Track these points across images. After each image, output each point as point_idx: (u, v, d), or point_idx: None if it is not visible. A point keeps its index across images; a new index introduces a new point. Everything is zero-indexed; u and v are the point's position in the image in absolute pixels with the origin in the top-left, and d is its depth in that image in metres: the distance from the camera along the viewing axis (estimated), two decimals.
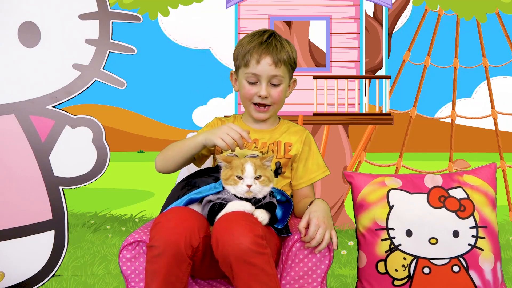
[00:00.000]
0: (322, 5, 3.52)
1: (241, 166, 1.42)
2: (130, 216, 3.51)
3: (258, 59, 1.61)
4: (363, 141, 3.54)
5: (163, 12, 3.41)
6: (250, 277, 1.28)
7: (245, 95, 1.67)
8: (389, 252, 1.71)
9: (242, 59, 1.65)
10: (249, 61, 1.63)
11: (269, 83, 1.64)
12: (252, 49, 1.62)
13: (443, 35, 3.55)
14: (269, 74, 1.62)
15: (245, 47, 1.64)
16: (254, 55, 1.62)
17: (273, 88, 1.65)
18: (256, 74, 1.63)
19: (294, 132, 1.72)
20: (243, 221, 1.32)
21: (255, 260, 1.28)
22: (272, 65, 1.62)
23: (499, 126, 3.49)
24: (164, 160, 1.61)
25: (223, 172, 1.45)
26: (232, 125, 1.50)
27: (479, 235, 1.71)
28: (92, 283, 2.61)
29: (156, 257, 1.31)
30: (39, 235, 2.37)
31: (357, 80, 3.52)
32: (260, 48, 1.62)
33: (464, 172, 1.83)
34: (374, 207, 1.74)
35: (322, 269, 1.47)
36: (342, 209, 3.49)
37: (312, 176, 1.69)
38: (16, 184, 2.36)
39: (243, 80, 1.67)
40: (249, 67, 1.63)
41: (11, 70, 2.38)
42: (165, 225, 1.33)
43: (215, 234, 1.31)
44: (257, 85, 1.64)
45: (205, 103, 3.46)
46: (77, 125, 2.39)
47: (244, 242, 1.27)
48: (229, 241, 1.28)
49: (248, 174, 1.41)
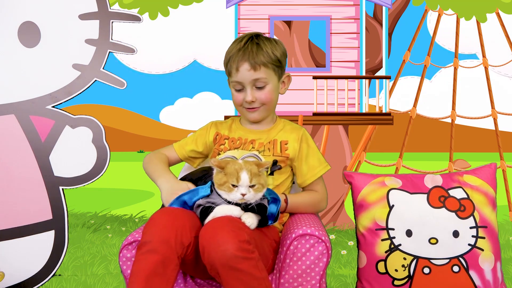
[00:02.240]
0: (322, 5, 3.52)
1: (236, 174, 1.40)
2: (130, 216, 3.51)
3: (237, 67, 1.65)
4: (363, 141, 3.54)
5: (163, 12, 3.41)
6: (238, 283, 1.29)
7: (235, 102, 1.72)
8: (389, 252, 1.71)
9: (226, 69, 1.71)
10: (231, 70, 1.67)
11: (254, 87, 1.66)
12: (231, 58, 1.66)
13: (443, 34, 3.55)
14: (250, 79, 1.65)
15: (227, 57, 1.69)
16: (233, 64, 1.66)
17: (258, 91, 1.67)
18: (239, 81, 1.66)
19: (290, 130, 1.73)
20: (228, 227, 1.32)
21: (241, 266, 1.29)
22: (250, 70, 1.64)
23: (499, 126, 3.49)
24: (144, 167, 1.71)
25: (217, 176, 1.43)
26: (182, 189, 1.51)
27: (479, 235, 1.71)
28: (92, 283, 2.61)
29: (144, 253, 1.30)
30: (39, 235, 2.37)
31: (357, 80, 3.52)
32: (238, 55, 1.65)
33: (464, 172, 1.83)
34: (374, 207, 1.74)
35: (320, 266, 1.48)
36: (342, 209, 3.49)
37: (315, 172, 1.70)
38: (16, 184, 2.35)
39: (231, 88, 1.72)
40: (232, 76, 1.68)
41: (11, 70, 2.38)
42: (157, 222, 1.35)
43: (202, 242, 1.32)
44: (243, 91, 1.68)
45: (172, 103, 3.50)
46: (77, 125, 2.39)
47: (229, 249, 1.27)
48: (214, 249, 1.28)
49: (243, 183, 1.39)
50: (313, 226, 1.50)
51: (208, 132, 1.76)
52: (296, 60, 3.61)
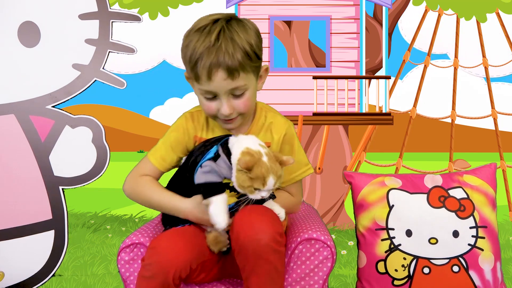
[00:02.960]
0: (322, 5, 3.52)
1: (263, 179, 1.29)
2: (130, 216, 3.51)
3: (209, 74, 1.32)
4: (363, 141, 3.54)
5: (163, 12, 3.41)
6: (262, 271, 1.30)
7: (206, 111, 1.42)
8: (389, 252, 1.71)
9: (191, 71, 1.36)
10: (200, 76, 1.33)
11: (230, 95, 1.37)
12: (200, 59, 1.32)
13: (444, 35, 3.55)
14: (226, 89, 1.35)
15: (192, 55, 1.34)
16: (203, 70, 1.32)
17: (235, 99, 1.37)
18: (211, 91, 1.35)
19: (272, 130, 1.49)
20: (266, 216, 1.32)
21: (271, 257, 1.29)
22: (227, 79, 1.33)
23: (499, 126, 3.49)
24: (137, 198, 1.55)
25: (241, 177, 1.29)
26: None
27: (479, 235, 1.71)
28: (92, 283, 2.61)
29: (146, 278, 1.32)
30: (39, 235, 2.37)
31: (357, 80, 3.51)
32: (209, 56, 1.31)
33: (464, 172, 1.83)
34: (374, 207, 1.74)
35: (324, 271, 1.47)
36: (342, 209, 3.49)
37: (293, 176, 1.51)
38: (16, 184, 2.35)
39: (199, 95, 1.40)
40: (201, 83, 1.35)
41: (11, 70, 2.38)
42: (160, 252, 1.32)
43: (236, 226, 1.31)
44: (216, 99, 1.37)
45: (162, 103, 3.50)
46: (77, 125, 2.39)
47: (264, 239, 1.27)
48: (250, 236, 1.27)
49: (268, 188, 1.31)
50: (319, 230, 1.49)
51: (186, 136, 1.48)
52: (296, 60, 3.60)
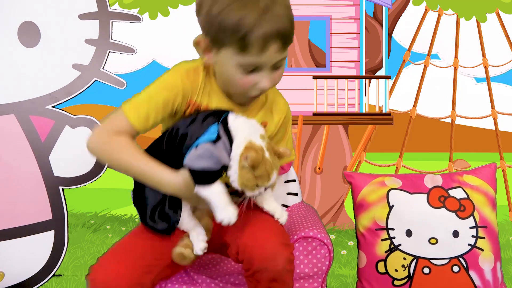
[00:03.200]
0: (322, 5, 3.52)
1: (267, 177, 1.18)
2: (130, 216, 3.51)
3: (263, 46, 1.13)
4: (363, 141, 3.54)
5: (163, 12, 3.41)
6: None
7: (238, 86, 1.22)
8: (389, 252, 1.71)
9: (235, 40, 1.14)
10: (248, 47, 1.13)
11: (272, 67, 1.21)
12: (253, 30, 1.11)
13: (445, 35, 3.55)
14: (276, 60, 1.19)
15: (238, 23, 1.11)
16: (256, 41, 1.12)
17: (275, 71, 1.22)
18: (258, 63, 1.18)
19: (272, 110, 1.37)
20: (278, 237, 1.23)
21: (285, 278, 1.24)
22: (281, 49, 1.17)
23: (499, 126, 3.49)
24: (106, 158, 1.31)
25: (245, 176, 1.17)
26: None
27: (479, 235, 1.71)
28: None
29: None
30: (39, 235, 2.37)
31: (357, 80, 3.51)
32: (263, 26, 1.11)
33: (464, 172, 1.84)
34: (374, 207, 1.74)
35: (322, 270, 1.47)
36: (342, 209, 3.49)
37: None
38: (16, 184, 2.35)
39: (233, 67, 1.19)
40: (248, 55, 1.15)
41: (11, 70, 2.38)
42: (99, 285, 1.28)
43: (247, 249, 1.21)
44: (256, 73, 1.20)
45: None
46: (77, 125, 2.39)
47: (281, 264, 1.20)
48: (264, 258, 1.19)
49: (270, 184, 1.23)
50: (316, 228, 1.49)
51: (179, 98, 1.25)
52: (296, 60, 3.60)
